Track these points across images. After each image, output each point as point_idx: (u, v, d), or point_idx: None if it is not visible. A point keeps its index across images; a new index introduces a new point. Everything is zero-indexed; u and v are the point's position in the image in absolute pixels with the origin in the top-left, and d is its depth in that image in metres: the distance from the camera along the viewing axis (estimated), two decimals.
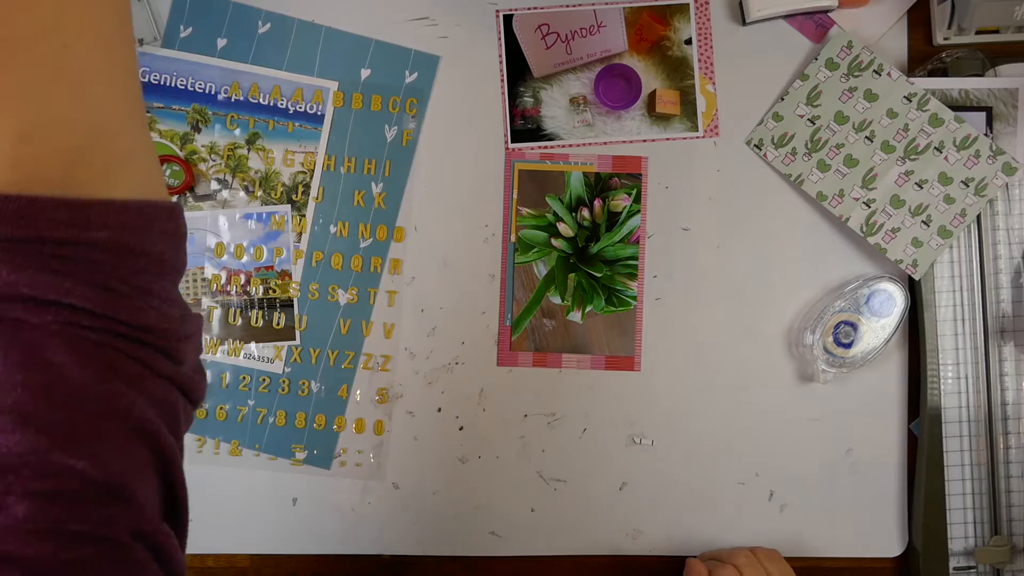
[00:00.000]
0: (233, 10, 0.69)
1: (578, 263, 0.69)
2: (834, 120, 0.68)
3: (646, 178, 0.69)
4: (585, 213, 0.69)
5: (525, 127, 0.70)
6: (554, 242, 0.69)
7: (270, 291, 0.70)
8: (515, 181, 0.69)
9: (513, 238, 0.69)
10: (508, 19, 0.70)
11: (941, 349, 0.67)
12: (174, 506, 0.35)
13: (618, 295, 0.69)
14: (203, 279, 0.70)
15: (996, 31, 0.69)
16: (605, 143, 0.70)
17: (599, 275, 0.69)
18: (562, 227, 0.69)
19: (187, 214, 0.69)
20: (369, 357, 0.70)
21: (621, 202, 0.69)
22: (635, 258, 0.69)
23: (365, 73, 0.70)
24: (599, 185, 0.69)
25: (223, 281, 0.70)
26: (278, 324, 0.69)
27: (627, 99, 0.70)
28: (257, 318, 0.69)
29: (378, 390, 0.70)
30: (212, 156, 0.70)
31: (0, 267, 0.29)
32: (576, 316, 0.69)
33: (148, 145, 0.35)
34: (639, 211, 0.69)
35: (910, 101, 0.67)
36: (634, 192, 0.69)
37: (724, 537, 0.69)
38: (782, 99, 0.69)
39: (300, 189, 0.70)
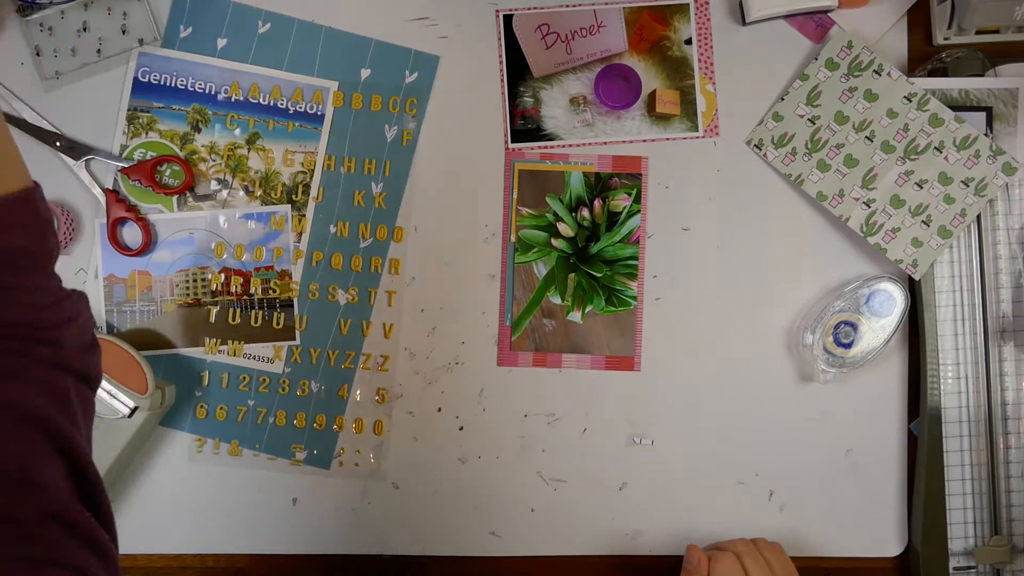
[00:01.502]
0: (233, 10, 0.69)
1: (578, 263, 0.69)
2: (834, 120, 0.68)
3: (646, 178, 0.69)
4: (585, 213, 0.69)
5: (525, 127, 0.70)
6: (554, 242, 0.69)
7: (270, 291, 0.70)
8: (515, 181, 0.69)
9: (513, 238, 0.69)
10: (508, 19, 0.70)
11: (941, 349, 0.67)
12: (86, 485, 0.35)
13: (618, 295, 0.69)
14: (203, 279, 0.70)
15: (996, 31, 0.69)
16: (605, 143, 0.70)
17: (599, 275, 0.69)
18: (562, 227, 0.69)
19: (187, 214, 0.69)
20: (369, 357, 0.70)
21: (621, 202, 0.69)
22: (635, 258, 0.69)
23: (365, 73, 0.70)
24: (599, 185, 0.69)
25: (223, 281, 0.70)
26: (278, 324, 0.69)
27: (627, 99, 0.70)
28: (257, 318, 0.69)
29: (378, 390, 0.70)
30: (212, 156, 0.70)
31: None
32: (576, 316, 0.69)
33: None
34: (639, 211, 0.69)
35: (910, 101, 0.67)
36: (634, 192, 0.69)
37: (724, 537, 0.69)
38: (782, 99, 0.69)
39: (300, 189, 0.70)
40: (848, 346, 0.67)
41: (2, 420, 0.32)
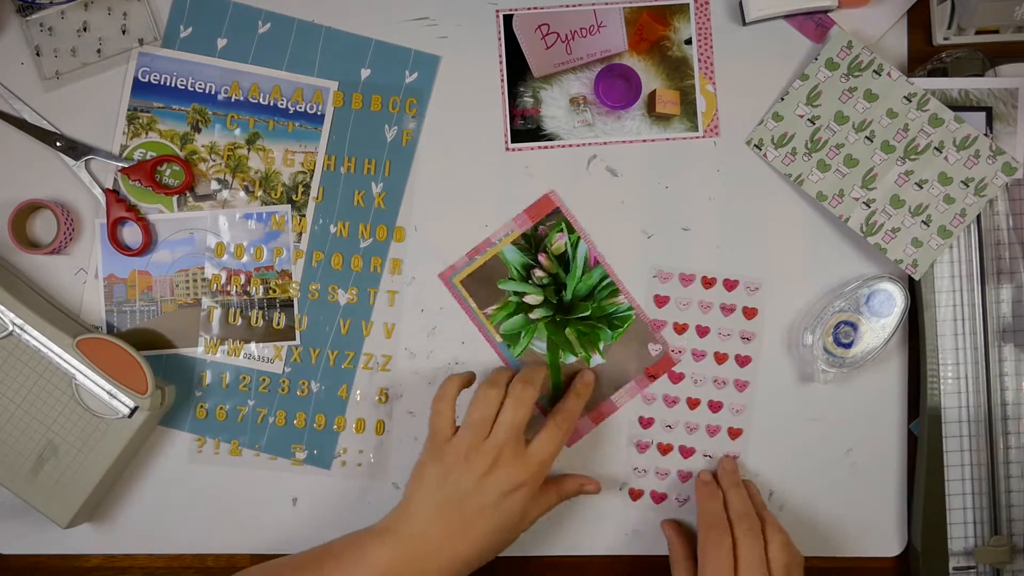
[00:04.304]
0: (233, 10, 0.69)
1: (565, 316, 0.69)
2: (834, 120, 0.68)
3: (564, 207, 0.69)
4: (539, 273, 0.69)
5: (525, 127, 0.70)
6: (532, 316, 0.69)
7: (270, 291, 0.70)
8: (465, 294, 0.69)
9: (499, 339, 0.69)
10: (508, 19, 0.70)
11: (941, 349, 0.67)
12: None
13: (616, 316, 0.69)
14: (203, 279, 0.70)
15: (996, 31, 0.69)
16: (605, 143, 0.70)
17: (588, 313, 0.69)
18: (529, 299, 0.69)
19: (187, 214, 0.69)
20: (369, 357, 0.70)
21: (559, 242, 0.69)
22: (607, 277, 0.69)
23: (365, 73, 0.70)
24: (534, 242, 0.69)
25: (223, 281, 0.70)
26: (278, 324, 0.69)
27: (627, 99, 0.70)
28: (257, 318, 0.69)
29: (379, 390, 0.70)
30: (212, 156, 0.70)
31: None
32: (597, 358, 0.69)
33: None
34: (579, 237, 0.69)
35: (910, 101, 0.67)
36: (563, 225, 0.69)
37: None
38: (782, 99, 0.69)
39: (300, 189, 0.70)
40: (848, 346, 0.67)
41: None
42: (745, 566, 0.58)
